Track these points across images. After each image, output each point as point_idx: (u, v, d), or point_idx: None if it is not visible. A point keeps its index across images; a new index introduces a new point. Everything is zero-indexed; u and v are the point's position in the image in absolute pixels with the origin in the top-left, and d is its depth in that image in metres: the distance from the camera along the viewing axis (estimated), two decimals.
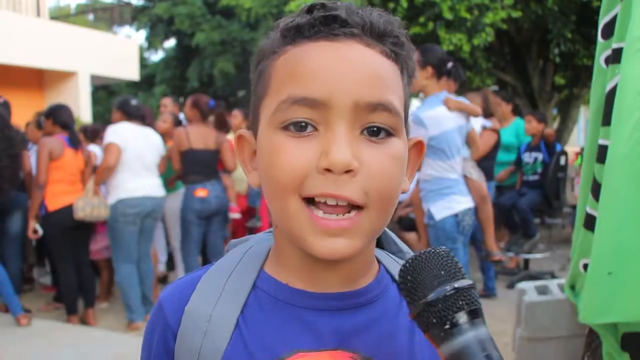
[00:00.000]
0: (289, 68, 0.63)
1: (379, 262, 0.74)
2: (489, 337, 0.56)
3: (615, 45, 1.45)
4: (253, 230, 5.50)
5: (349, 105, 0.60)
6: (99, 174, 4.42)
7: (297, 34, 0.64)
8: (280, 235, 0.70)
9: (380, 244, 0.79)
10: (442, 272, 0.57)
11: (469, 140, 3.82)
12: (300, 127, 0.61)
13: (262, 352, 0.66)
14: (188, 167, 4.69)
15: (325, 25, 0.63)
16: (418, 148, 0.72)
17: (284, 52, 0.64)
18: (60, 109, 4.67)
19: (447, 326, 0.55)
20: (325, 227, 0.60)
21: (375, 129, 0.62)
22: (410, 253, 0.79)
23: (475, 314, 0.56)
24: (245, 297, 0.69)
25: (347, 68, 0.61)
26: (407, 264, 0.59)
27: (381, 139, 0.62)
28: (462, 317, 0.55)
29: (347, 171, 0.59)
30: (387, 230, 0.78)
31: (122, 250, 4.43)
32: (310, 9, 0.65)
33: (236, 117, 5.82)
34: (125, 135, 4.36)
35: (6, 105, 4.61)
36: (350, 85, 0.60)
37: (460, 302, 0.55)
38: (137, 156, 4.40)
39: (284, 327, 0.67)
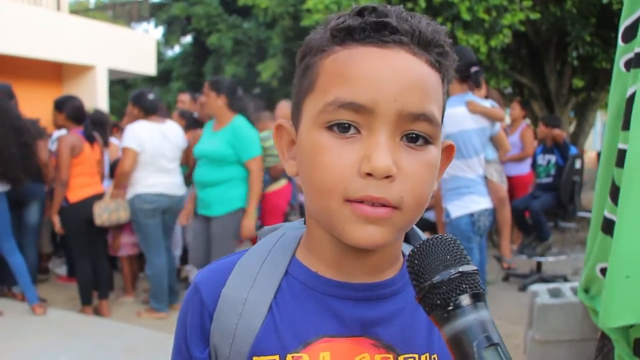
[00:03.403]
0: (337, 70, 0.65)
1: (404, 256, 0.78)
2: (490, 319, 0.57)
3: (638, 49, 1.44)
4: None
5: (393, 113, 0.62)
6: (118, 179, 4.49)
7: (347, 36, 0.66)
8: (313, 225, 0.73)
9: (407, 240, 0.82)
10: (448, 257, 0.59)
11: (497, 143, 3.84)
12: (343, 128, 0.64)
13: (290, 336, 0.69)
14: None
15: (376, 31, 0.64)
16: (448, 151, 0.75)
17: (333, 52, 0.66)
18: (74, 103, 4.66)
19: (450, 307, 0.57)
20: (364, 213, 0.63)
21: (414, 135, 0.65)
22: None
23: (478, 298, 0.58)
24: (278, 283, 0.72)
25: (393, 76, 0.63)
26: (416, 249, 0.61)
27: (419, 146, 0.65)
28: (465, 300, 0.57)
29: (387, 176, 0.62)
30: (415, 227, 0.80)
31: (150, 242, 4.49)
32: (361, 12, 0.66)
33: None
34: (142, 136, 4.36)
35: (5, 90, 4.64)
36: (396, 94, 0.62)
37: (464, 286, 0.57)
38: (155, 156, 4.42)
39: (312, 314, 0.71)
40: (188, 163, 4.90)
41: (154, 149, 4.41)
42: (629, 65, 1.51)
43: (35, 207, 5.01)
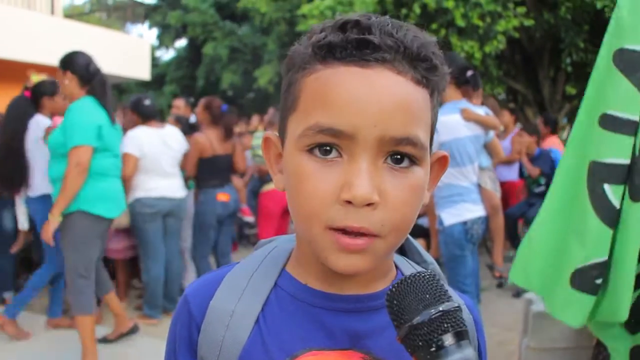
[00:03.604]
0: (318, 91, 0.64)
1: (397, 267, 0.77)
2: (475, 358, 0.56)
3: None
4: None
5: (374, 138, 0.61)
6: None
7: (328, 54, 0.64)
8: (301, 240, 0.73)
9: (403, 252, 0.80)
10: (427, 296, 0.58)
11: (490, 150, 3.84)
12: (325, 151, 0.63)
13: (277, 348, 0.69)
14: (209, 172, 4.71)
15: (357, 49, 0.62)
16: (442, 162, 0.73)
17: (315, 71, 0.65)
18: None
19: (433, 349, 0.55)
20: (344, 244, 0.62)
21: (399, 156, 0.63)
22: (434, 264, 0.81)
23: (461, 336, 0.56)
24: (266, 295, 0.72)
25: (375, 100, 0.61)
26: (393, 289, 0.59)
27: (404, 168, 0.63)
28: (447, 340, 0.55)
29: (368, 204, 0.61)
30: (413, 239, 0.79)
31: (148, 247, 4.46)
32: (343, 26, 0.64)
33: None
34: (142, 142, 4.35)
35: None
36: (377, 120, 0.61)
37: (446, 325, 0.56)
38: (155, 161, 4.41)
39: (300, 326, 0.70)
40: (185, 167, 4.89)
41: (154, 153, 4.40)
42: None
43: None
